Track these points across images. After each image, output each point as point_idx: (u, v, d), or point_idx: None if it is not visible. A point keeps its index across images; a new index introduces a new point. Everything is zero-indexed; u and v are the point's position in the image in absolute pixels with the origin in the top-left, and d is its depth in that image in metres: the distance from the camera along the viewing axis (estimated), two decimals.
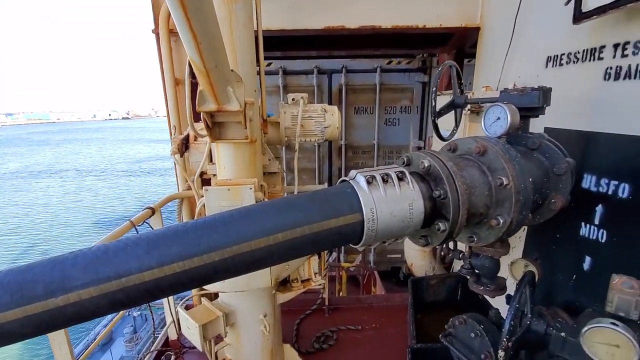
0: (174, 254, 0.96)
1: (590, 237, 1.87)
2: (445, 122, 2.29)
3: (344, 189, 1.24)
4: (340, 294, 5.44)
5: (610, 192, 1.74)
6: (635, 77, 1.61)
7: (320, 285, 2.98)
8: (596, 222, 1.83)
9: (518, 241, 2.47)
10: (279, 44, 4.81)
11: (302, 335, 3.44)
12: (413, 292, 3.36)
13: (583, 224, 1.90)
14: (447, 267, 4.52)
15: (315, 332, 3.43)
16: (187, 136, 2.68)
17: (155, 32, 3.34)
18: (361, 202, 1.18)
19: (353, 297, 3.95)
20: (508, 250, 1.53)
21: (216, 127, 2.09)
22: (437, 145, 3.68)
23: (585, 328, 1.14)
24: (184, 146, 2.59)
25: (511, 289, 1.66)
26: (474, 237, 1.45)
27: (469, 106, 2.70)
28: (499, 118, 1.48)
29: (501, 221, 1.31)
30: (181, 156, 2.59)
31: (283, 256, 1.17)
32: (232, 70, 1.77)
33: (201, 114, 1.91)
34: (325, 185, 7.08)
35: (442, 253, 1.86)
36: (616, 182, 1.70)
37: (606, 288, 1.90)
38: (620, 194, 1.68)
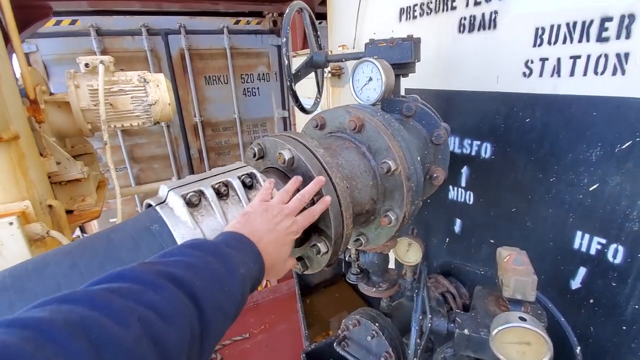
0: None
1: (458, 199, 1.84)
2: (308, 90, 1.88)
3: (145, 225, 0.66)
4: None
5: (473, 153, 1.69)
6: (488, 28, 1.51)
7: None
8: (463, 184, 1.79)
9: None
10: None
11: None
12: (298, 278, 3.09)
13: (451, 187, 1.86)
14: None
15: None
16: None
17: None
18: None
19: None
20: (396, 242, 1.27)
21: None
22: (303, 116, 3.31)
23: (495, 331, 0.96)
24: None
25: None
26: (361, 239, 1.11)
27: (329, 67, 2.37)
28: (370, 79, 1.13)
29: (393, 218, 0.98)
30: None
31: None
32: None
33: None
34: (187, 174, 6.02)
35: None
36: (478, 142, 1.65)
37: (476, 248, 1.95)
38: (483, 154, 1.64)
